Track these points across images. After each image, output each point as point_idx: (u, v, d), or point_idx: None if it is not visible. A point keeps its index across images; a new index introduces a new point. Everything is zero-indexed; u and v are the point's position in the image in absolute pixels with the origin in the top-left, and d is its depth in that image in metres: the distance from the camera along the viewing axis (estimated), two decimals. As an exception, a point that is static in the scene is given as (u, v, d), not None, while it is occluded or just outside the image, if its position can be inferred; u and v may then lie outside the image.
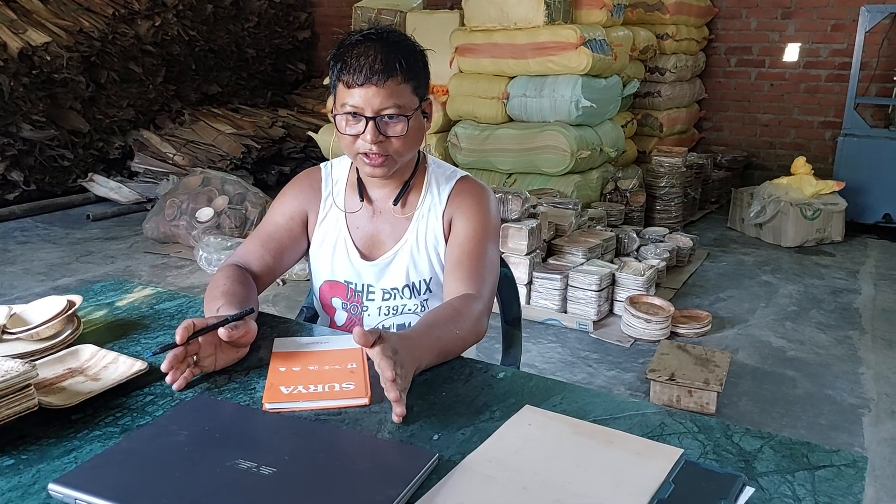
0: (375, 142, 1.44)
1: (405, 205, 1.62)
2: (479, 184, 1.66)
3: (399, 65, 1.42)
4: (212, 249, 4.49)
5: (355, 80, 1.41)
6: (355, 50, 1.43)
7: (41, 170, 6.10)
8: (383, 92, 1.41)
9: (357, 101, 1.42)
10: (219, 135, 6.78)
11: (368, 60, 1.40)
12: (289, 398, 1.17)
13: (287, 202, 1.66)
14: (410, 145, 1.50)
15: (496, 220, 1.62)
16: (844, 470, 1.00)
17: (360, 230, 1.63)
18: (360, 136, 1.45)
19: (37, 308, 1.40)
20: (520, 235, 3.77)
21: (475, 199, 1.61)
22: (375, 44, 1.43)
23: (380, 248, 1.62)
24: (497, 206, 1.65)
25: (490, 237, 1.58)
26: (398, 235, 1.61)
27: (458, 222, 1.59)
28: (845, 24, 6.29)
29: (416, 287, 1.62)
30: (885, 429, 2.84)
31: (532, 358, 3.39)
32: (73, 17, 6.31)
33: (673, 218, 5.49)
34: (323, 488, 0.92)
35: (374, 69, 1.40)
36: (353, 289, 1.63)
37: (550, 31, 4.81)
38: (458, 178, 1.64)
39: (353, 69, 1.41)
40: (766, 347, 3.57)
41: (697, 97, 6.83)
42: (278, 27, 8.44)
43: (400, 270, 1.61)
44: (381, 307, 1.63)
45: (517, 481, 0.94)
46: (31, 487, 0.95)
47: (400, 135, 1.46)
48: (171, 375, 1.21)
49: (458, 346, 1.35)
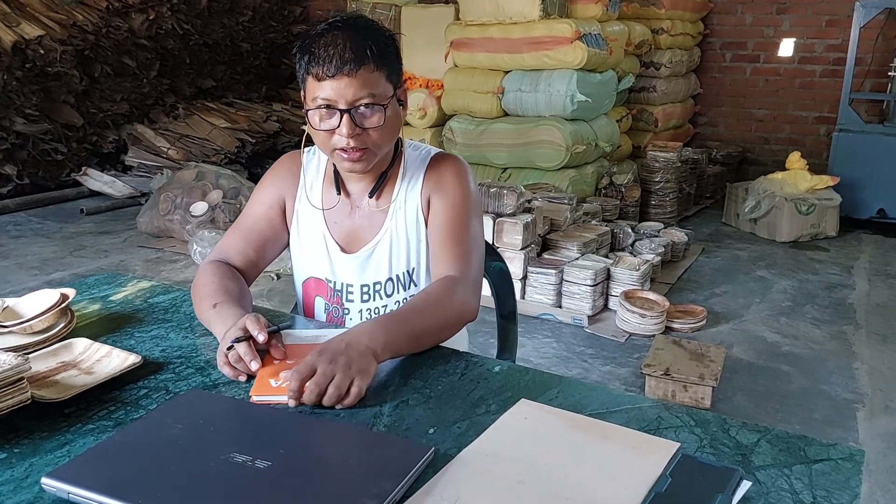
0: (352, 135, 1.37)
1: (380, 196, 1.55)
2: (454, 157, 1.59)
3: (370, 52, 1.35)
4: (206, 244, 4.47)
5: (325, 71, 1.34)
6: (322, 39, 1.35)
7: (34, 164, 6.07)
8: (356, 82, 1.34)
9: (329, 94, 1.35)
10: (213, 129, 6.75)
11: (338, 49, 1.33)
12: (276, 391, 1.15)
13: (265, 190, 1.61)
14: (389, 136, 1.44)
15: (475, 194, 1.56)
16: (841, 464, 1.00)
17: (339, 225, 1.57)
18: (336, 130, 1.38)
19: (30, 301, 1.39)
20: (515, 230, 3.76)
21: (450, 174, 1.54)
22: (343, 31, 1.35)
23: (359, 241, 1.56)
24: (475, 179, 1.59)
25: (471, 212, 1.52)
26: (377, 228, 1.55)
27: (435, 200, 1.53)
28: (840, 19, 6.30)
29: (399, 279, 1.56)
30: (879, 423, 2.85)
31: (527, 353, 3.39)
32: (66, 11, 6.27)
33: (668, 213, 5.49)
34: (318, 482, 0.92)
35: (344, 58, 1.33)
36: (332, 288, 1.58)
37: (545, 26, 4.81)
38: (432, 157, 1.57)
39: (322, 60, 1.34)
40: (760, 342, 3.58)
41: (692, 92, 6.84)
42: (273, 21, 8.41)
43: (381, 263, 1.55)
44: (363, 310, 1.58)
45: (513, 475, 0.94)
46: (24, 481, 0.94)
47: (377, 126, 1.39)
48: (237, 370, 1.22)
49: (433, 330, 1.32)
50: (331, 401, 1.11)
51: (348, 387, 1.12)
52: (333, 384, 1.11)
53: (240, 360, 1.21)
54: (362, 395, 1.13)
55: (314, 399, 1.11)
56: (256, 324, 1.24)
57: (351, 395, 1.12)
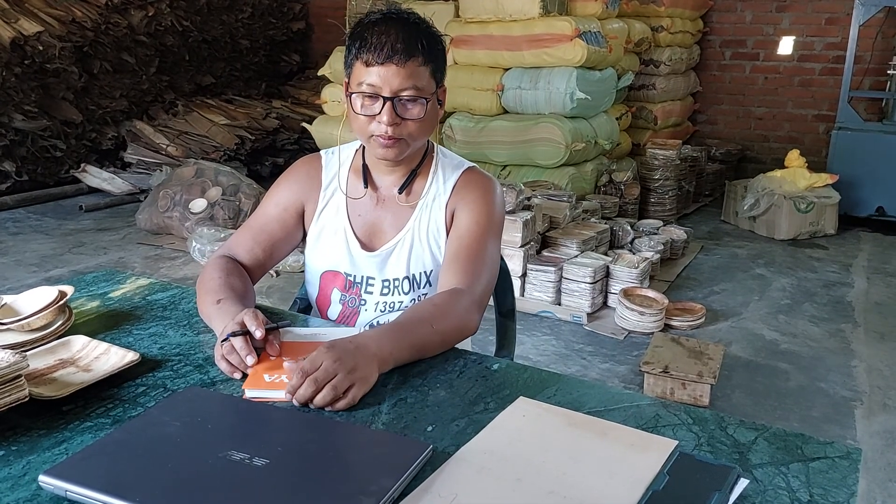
0: (392, 123, 1.40)
1: (409, 193, 1.58)
2: (486, 176, 1.61)
3: (420, 45, 1.40)
4: (205, 241, 4.47)
5: (375, 58, 1.38)
6: (376, 28, 1.40)
7: (33, 160, 6.06)
8: (403, 72, 1.38)
9: (375, 80, 1.39)
10: (212, 126, 6.74)
11: (390, 39, 1.38)
12: (269, 386, 1.15)
13: (282, 192, 1.61)
14: (425, 130, 1.47)
15: (500, 215, 1.58)
16: (839, 462, 1.00)
17: (362, 218, 1.59)
18: (376, 116, 1.41)
19: (28, 298, 1.39)
20: (514, 227, 3.76)
21: (480, 191, 1.56)
22: (396, 24, 1.41)
23: (381, 237, 1.58)
24: (503, 201, 1.61)
25: (492, 232, 1.54)
26: (400, 225, 1.57)
27: (460, 214, 1.54)
28: (839, 17, 6.30)
29: (416, 279, 1.58)
30: (877, 421, 2.85)
31: (526, 350, 3.39)
32: (65, 7, 6.26)
33: (667, 210, 5.49)
34: (316, 480, 0.92)
35: (395, 48, 1.37)
36: (351, 280, 1.59)
37: (545, 23, 4.80)
38: (465, 169, 1.60)
39: (374, 47, 1.38)
40: (759, 340, 3.58)
41: (692, 90, 6.83)
42: (272, 18, 8.39)
43: (401, 261, 1.57)
44: (379, 302, 1.59)
45: (511, 473, 0.94)
46: (22, 479, 0.94)
47: (417, 118, 1.43)
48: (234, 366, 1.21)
49: (436, 341, 1.31)
50: (324, 400, 1.10)
51: (345, 390, 1.12)
52: (331, 384, 1.11)
53: (233, 353, 1.21)
54: (355, 403, 1.12)
55: (308, 395, 1.10)
56: (254, 319, 1.24)
57: (344, 400, 1.11)
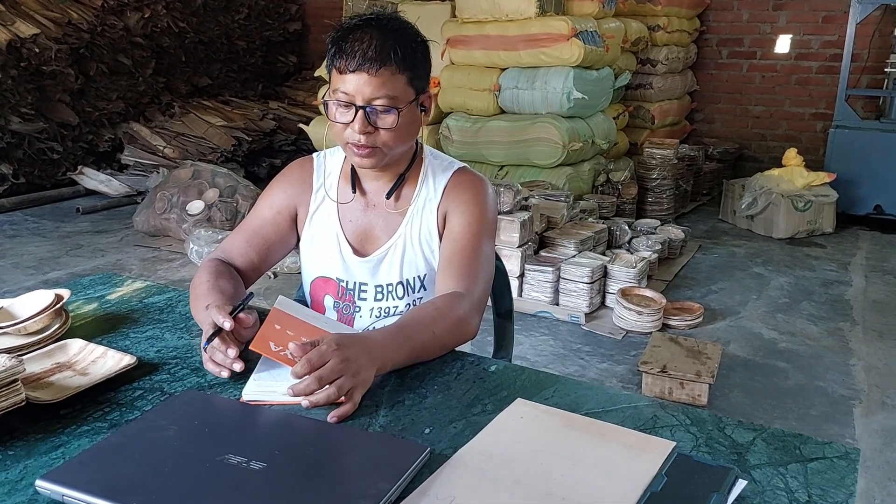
0: (363, 132, 1.38)
1: (399, 199, 1.56)
2: (476, 176, 1.59)
3: (394, 53, 1.36)
4: (202, 242, 4.46)
5: (347, 65, 1.36)
6: (352, 35, 1.37)
7: (30, 163, 6.05)
8: (375, 80, 1.36)
9: (348, 88, 1.37)
10: (209, 127, 6.74)
11: (363, 46, 1.35)
12: (274, 355, 1.17)
13: (275, 195, 1.60)
14: (401, 139, 1.44)
15: (493, 215, 1.56)
16: (837, 462, 1.00)
17: (353, 223, 1.57)
18: (350, 124, 1.39)
19: (24, 302, 1.39)
20: (511, 228, 3.76)
21: (471, 192, 1.54)
22: (374, 30, 1.37)
23: (373, 242, 1.57)
24: (495, 200, 1.59)
25: (485, 233, 1.52)
26: (392, 230, 1.55)
27: (452, 216, 1.53)
28: (836, 15, 6.30)
29: (409, 284, 1.56)
30: (875, 420, 2.86)
31: (524, 350, 3.39)
32: (61, 9, 6.25)
33: (665, 210, 5.49)
34: (314, 483, 0.91)
35: (367, 56, 1.35)
36: (343, 287, 1.58)
37: (542, 23, 4.80)
38: (455, 170, 1.57)
39: (347, 54, 1.36)
40: (757, 339, 3.58)
41: (689, 89, 6.83)
42: (269, 19, 8.38)
43: (394, 266, 1.55)
44: (374, 308, 1.58)
45: (509, 475, 0.94)
46: (19, 483, 0.94)
47: (389, 127, 1.39)
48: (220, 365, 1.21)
49: (435, 346, 1.30)
50: (325, 400, 1.09)
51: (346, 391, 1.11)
52: (335, 385, 1.10)
53: (217, 352, 1.21)
54: (356, 407, 1.12)
55: (309, 392, 1.09)
56: (220, 313, 1.23)
57: (347, 405, 1.10)
